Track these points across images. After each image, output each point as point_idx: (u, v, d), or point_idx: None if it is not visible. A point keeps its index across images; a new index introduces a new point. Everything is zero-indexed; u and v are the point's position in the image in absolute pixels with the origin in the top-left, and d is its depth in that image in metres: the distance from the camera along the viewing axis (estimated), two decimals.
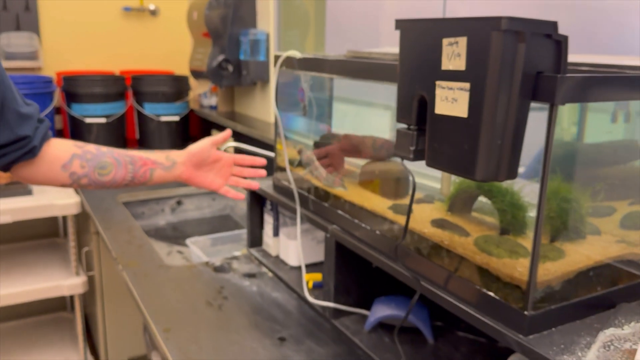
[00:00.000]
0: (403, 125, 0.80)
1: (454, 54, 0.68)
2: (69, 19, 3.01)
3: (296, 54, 1.22)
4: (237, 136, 2.55)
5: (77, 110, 2.70)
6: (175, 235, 2.14)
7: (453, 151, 0.70)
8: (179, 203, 2.25)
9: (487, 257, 0.79)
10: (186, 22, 2.83)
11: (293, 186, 1.23)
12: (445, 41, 0.69)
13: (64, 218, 2.53)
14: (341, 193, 1.12)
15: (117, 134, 2.85)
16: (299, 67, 1.23)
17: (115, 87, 2.77)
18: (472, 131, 0.67)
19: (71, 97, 2.70)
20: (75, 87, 2.68)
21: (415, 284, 0.87)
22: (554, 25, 0.66)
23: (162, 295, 1.29)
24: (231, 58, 2.55)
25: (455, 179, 0.89)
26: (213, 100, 3.06)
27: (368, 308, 1.17)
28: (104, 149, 1.04)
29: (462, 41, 0.66)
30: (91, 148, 1.02)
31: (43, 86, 2.50)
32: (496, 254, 0.79)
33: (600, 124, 0.84)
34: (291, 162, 1.34)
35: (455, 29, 0.68)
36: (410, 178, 0.80)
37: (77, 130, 2.75)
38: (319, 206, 1.19)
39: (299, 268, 1.42)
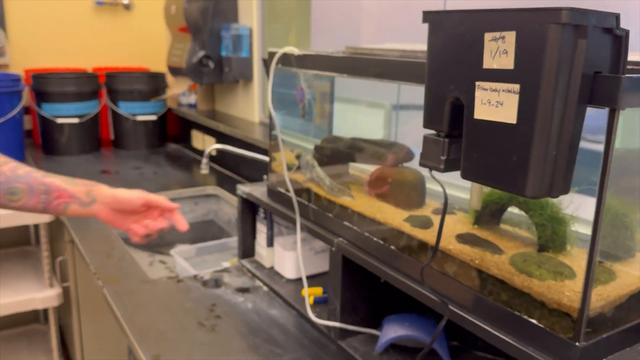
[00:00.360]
0: (430, 131, 0.71)
1: (499, 51, 0.59)
2: (38, 13, 2.84)
3: (294, 50, 1.11)
4: (220, 136, 2.44)
5: (48, 110, 2.55)
6: (156, 242, 2.02)
7: (497, 162, 0.61)
8: None
9: (527, 279, 0.70)
10: (163, 17, 2.70)
11: (292, 195, 1.13)
12: (487, 36, 0.60)
13: (36, 226, 2.39)
14: (348, 203, 1.03)
15: (91, 135, 2.71)
16: (298, 65, 1.12)
17: (88, 85, 2.62)
18: (523, 140, 0.57)
19: (41, 96, 2.55)
20: (45, 86, 2.53)
21: (443, 309, 0.78)
22: (616, 17, 0.57)
23: (148, 315, 1.18)
24: (212, 54, 2.43)
25: (485, 188, 0.80)
26: (192, 99, 2.93)
27: (377, 327, 1.07)
28: (21, 172, 0.96)
29: (510, 36, 0.57)
30: (6, 169, 0.94)
31: (10, 85, 2.34)
32: (538, 275, 0.70)
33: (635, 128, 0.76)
34: (288, 167, 1.24)
35: (500, 21, 0.58)
36: (442, 191, 0.71)
37: (48, 131, 2.60)
38: (322, 216, 1.09)
39: (295, 281, 1.32)
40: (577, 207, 0.72)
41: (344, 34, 2.12)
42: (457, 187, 1.08)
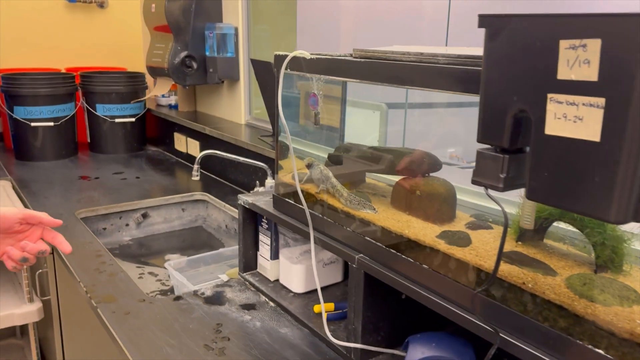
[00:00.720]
0: (483, 146, 0.65)
1: (578, 61, 0.53)
2: (7, 11, 2.69)
3: (305, 54, 1.04)
4: (205, 139, 2.35)
5: (20, 113, 2.42)
6: (143, 252, 1.92)
7: (573, 183, 0.55)
8: (144, 216, 2.02)
9: (589, 304, 0.65)
10: (139, 15, 2.58)
11: (305, 207, 1.06)
12: (564, 43, 0.54)
13: None
14: (370, 216, 0.96)
15: (67, 138, 2.58)
16: (308, 70, 1.05)
17: (63, 86, 2.50)
18: (608, 159, 0.52)
19: (12, 98, 2.41)
20: (17, 88, 2.39)
21: (493, 337, 0.72)
22: None
23: (150, 338, 1.09)
24: (195, 54, 2.34)
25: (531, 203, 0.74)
26: (172, 99, 2.83)
27: (399, 345, 1.02)
28: None
29: (594, 44, 0.52)
30: None
31: None
32: (602, 300, 0.65)
33: None
34: (293, 177, 1.17)
35: (580, 27, 0.53)
36: (501, 211, 0.65)
37: (21, 136, 2.47)
38: (339, 230, 1.03)
39: (303, 295, 1.25)
40: (634, 225, 0.67)
41: (330, 35, 2.05)
42: (480, 195, 1.03)
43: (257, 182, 1.82)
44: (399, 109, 1.54)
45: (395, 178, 0.98)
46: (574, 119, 0.54)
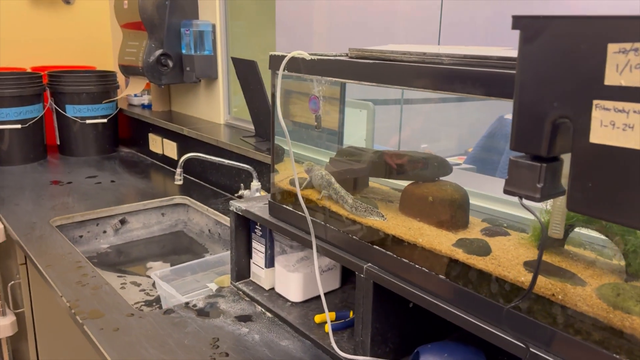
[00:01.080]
0: (516, 153, 0.62)
1: (630, 65, 0.50)
2: None
3: (304, 54, 0.99)
4: (184, 140, 2.27)
5: None
6: (123, 260, 1.84)
7: (620, 194, 0.52)
8: (122, 222, 1.94)
9: (626, 316, 0.63)
10: (108, 12, 2.49)
11: (307, 215, 1.01)
12: (613, 47, 0.51)
13: None
14: (378, 224, 0.92)
15: (35, 141, 2.47)
16: (306, 71, 1.01)
17: (30, 87, 2.38)
18: None
19: None
20: None
21: (522, 351, 0.69)
22: None
23: (144, 357, 1.03)
24: (171, 52, 2.26)
25: (552, 207, 0.72)
26: (145, 99, 2.74)
27: (408, 355, 0.98)
28: None
29: None
30: None
31: None
32: (638, 312, 0.62)
33: None
34: (293, 183, 1.12)
35: (631, 30, 0.50)
36: (539, 224, 0.62)
37: None
38: (343, 238, 0.99)
39: (301, 304, 1.21)
40: None
41: (309, 32, 2.01)
42: (485, 197, 1.00)
43: (242, 184, 1.76)
44: (381, 105, 1.50)
45: (404, 183, 0.95)
46: (622, 127, 0.51)
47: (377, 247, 0.92)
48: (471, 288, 0.78)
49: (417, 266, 0.85)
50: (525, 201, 0.61)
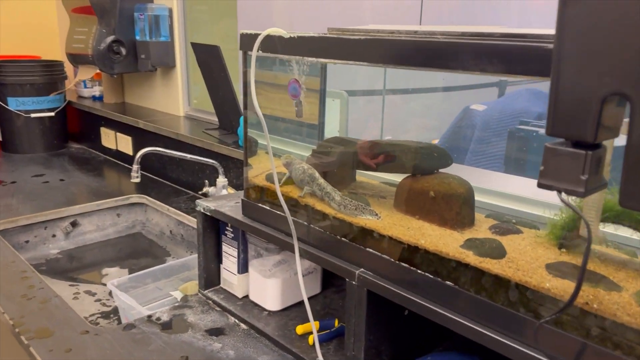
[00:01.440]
0: (555, 140, 0.51)
1: None
2: None
3: (280, 31, 0.87)
4: (140, 134, 2.11)
5: None
6: (75, 267, 1.68)
7: None
8: (74, 224, 1.77)
9: None
10: None
11: (288, 215, 0.89)
12: None
13: None
14: (371, 223, 0.81)
15: None
16: (284, 51, 0.89)
17: None
18: None
19: None
20: None
21: None
22: None
23: None
24: (124, 39, 2.09)
25: (577, 202, 0.62)
26: (96, 90, 2.55)
27: None
28: None
29: None
30: None
31: None
32: None
33: None
34: (268, 178, 1.00)
35: None
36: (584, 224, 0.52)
37: None
38: (330, 241, 0.87)
39: (280, 313, 1.09)
40: None
41: (272, 16, 1.88)
42: (484, 191, 0.90)
43: (206, 181, 1.62)
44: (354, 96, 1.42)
45: (396, 177, 0.84)
46: None
47: (370, 250, 0.81)
48: (485, 296, 0.68)
49: (419, 271, 0.74)
50: (564, 196, 0.51)
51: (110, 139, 2.33)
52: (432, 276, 0.73)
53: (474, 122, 1.94)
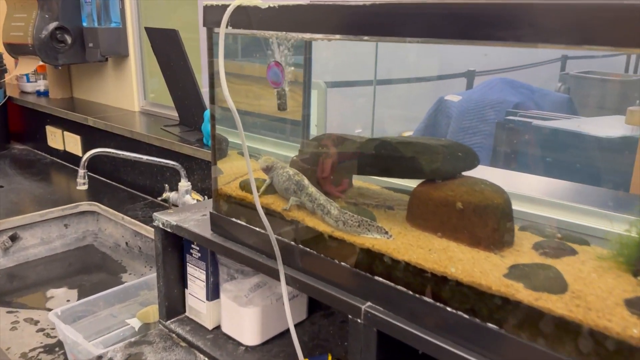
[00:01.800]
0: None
1: None
2: None
3: (257, 2, 0.68)
4: (89, 132, 1.88)
5: None
6: (15, 288, 1.45)
7: None
8: (13, 238, 1.54)
9: None
10: None
11: (271, 233, 0.70)
12: None
13: None
14: (379, 244, 0.63)
15: None
16: (260, 26, 0.70)
17: None
18: None
19: None
20: None
21: None
22: None
23: None
24: (69, 26, 1.85)
25: None
26: (41, 84, 2.30)
27: None
28: None
29: None
30: None
31: None
32: None
33: None
34: (243, 187, 0.81)
35: None
36: None
37: None
38: (327, 267, 0.69)
39: (259, 347, 0.90)
40: None
41: None
42: (532, 199, 0.74)
43: (166, 185, 1.42)
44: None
45: (411, 182, 0.66)
46: None
47: (379, 279, 0.63)
48: (545, 345, 0.51)
49: (449, 309, 0.57)
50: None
51: (56, 138, 2.09)
52: (467, 316, 0.56)
53: (449, 113, 1.79)
